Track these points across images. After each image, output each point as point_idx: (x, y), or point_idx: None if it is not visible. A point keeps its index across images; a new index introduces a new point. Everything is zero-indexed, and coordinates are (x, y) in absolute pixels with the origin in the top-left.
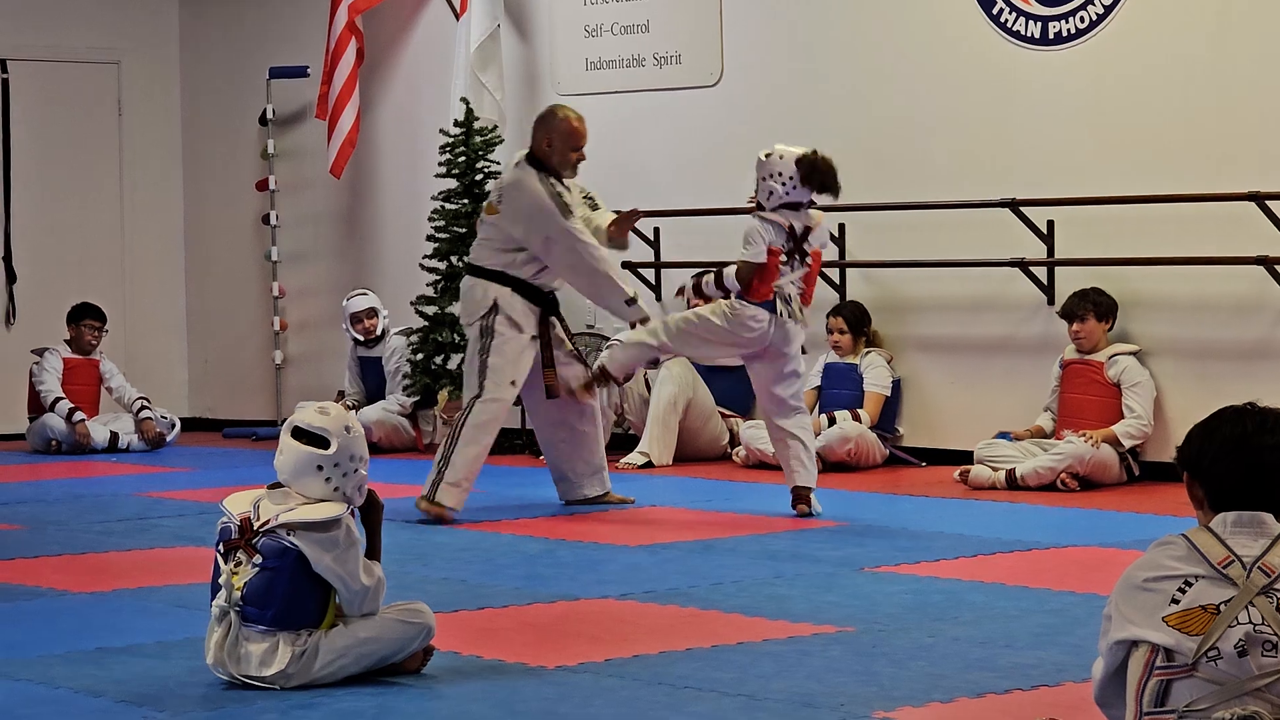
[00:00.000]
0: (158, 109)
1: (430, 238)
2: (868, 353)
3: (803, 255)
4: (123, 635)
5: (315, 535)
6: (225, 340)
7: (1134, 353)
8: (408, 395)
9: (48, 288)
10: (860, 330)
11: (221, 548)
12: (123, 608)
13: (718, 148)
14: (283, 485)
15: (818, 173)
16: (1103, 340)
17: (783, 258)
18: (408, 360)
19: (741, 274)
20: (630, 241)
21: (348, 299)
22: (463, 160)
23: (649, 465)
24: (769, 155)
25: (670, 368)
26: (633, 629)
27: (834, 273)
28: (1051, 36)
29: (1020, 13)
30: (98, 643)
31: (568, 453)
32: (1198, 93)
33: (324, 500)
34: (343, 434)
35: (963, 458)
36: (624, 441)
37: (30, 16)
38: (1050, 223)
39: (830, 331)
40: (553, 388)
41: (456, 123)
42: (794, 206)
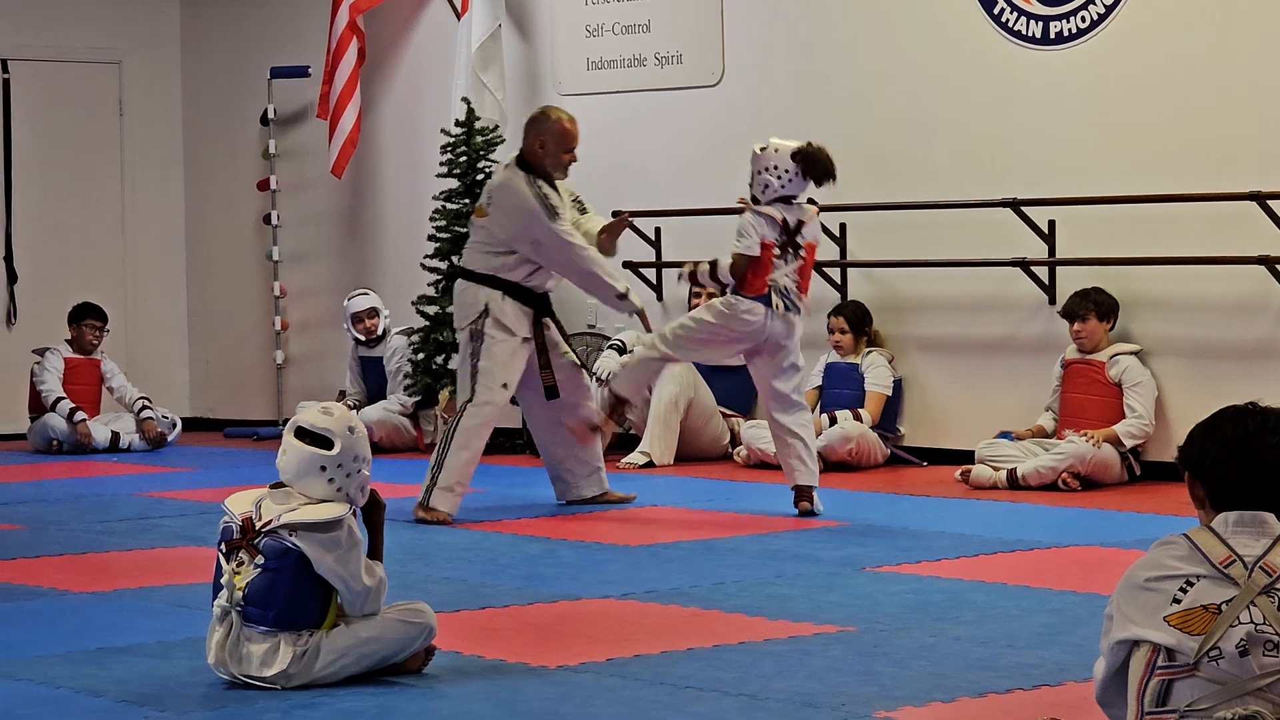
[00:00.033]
0: (159, 109)
1: (431, 237)
2: (869, 352)
3: (796, 249)
4: (124, 635)
5: (317, 536)
6: (226, 340)
7: (1135, 352)
8: (409, 395)
9: (49, 288)
10: (861, 330)
11: (223, 547)
12: (124, 608)
13: (718, 148)
14: (285, 485)
15: (818, 164)
16: (1104, 340)
17: (776, 251)
18: (409, 360)
19: (736, 267)
20: (629, 242)
21: (349, 299)
22: (464, 160)
23: (650, 465)
24: (764, 149)
25: (672, 367)
26: (634, 629)
27: (835, 272)
28: (1052, 36)
29: (1021, 12)
30: (99, 643)
31: (564, 454)
32: (1198, 93)
33: (326, 500)
34: (346, 434)
35: (964, 457)
36: (625, 441)
37: (31, 16)
38: (1051, 222)
39: (831, 331)
40: (552, 388)
41: (458, 122)
42: (789, 200)
